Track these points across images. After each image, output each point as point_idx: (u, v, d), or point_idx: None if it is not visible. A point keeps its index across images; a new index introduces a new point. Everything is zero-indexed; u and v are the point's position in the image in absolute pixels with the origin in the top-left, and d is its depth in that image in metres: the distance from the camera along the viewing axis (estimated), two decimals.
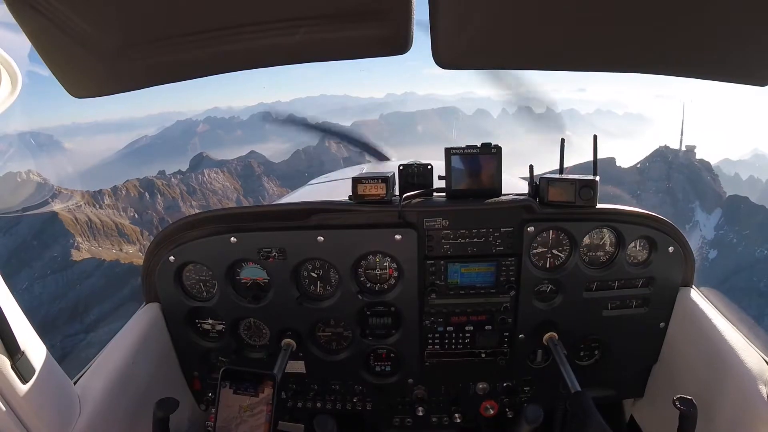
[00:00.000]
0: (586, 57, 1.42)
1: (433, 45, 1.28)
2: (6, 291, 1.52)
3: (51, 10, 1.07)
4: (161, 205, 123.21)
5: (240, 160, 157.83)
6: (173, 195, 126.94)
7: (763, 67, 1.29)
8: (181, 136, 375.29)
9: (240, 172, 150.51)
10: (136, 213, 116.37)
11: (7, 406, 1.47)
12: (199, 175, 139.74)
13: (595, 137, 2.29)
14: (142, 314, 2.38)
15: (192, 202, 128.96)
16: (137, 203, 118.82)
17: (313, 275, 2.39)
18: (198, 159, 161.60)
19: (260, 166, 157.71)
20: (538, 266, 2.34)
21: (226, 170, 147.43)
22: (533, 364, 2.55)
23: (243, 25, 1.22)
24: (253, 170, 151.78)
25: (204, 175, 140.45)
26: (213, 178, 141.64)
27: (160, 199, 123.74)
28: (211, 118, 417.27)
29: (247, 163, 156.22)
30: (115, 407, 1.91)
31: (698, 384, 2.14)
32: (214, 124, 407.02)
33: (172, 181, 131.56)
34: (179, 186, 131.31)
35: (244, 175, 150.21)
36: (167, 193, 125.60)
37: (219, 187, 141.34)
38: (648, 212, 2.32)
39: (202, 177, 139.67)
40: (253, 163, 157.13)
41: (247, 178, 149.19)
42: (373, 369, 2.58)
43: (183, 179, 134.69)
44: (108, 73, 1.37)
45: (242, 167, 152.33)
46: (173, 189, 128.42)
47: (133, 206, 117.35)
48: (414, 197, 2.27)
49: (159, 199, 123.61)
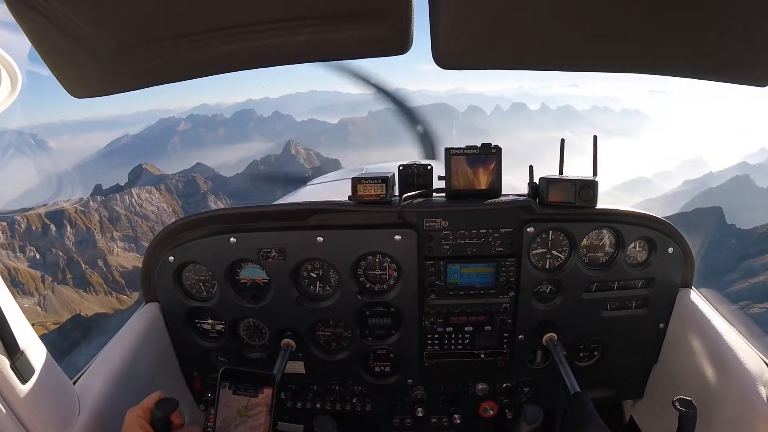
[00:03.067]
0: (586, 57, 1.42)
1: (433, 45, 1.28)
2: (5, 291, 1.52)
3: (51, 11, 1.07)
4: (71, 240, 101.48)
5: (182, 175, 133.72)
6: (88, 225, 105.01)
7: (763, 67, 1.29)
8: (162, 135, 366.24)
9: (181, 190, 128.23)
10: (37, 252, 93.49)
11: (6, 405, 1.47)
12: (126, 196, 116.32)
13: (595, 138, 2.29)
14: (141, 314, 2.38)
15: (114, 233, 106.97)
16: (40, 239, 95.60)
17: (312, 275, 2.39)
18: (137, 172, 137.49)
19: (207, 181, 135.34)
20: (537, 267, 2.34)
21: (164, 188, 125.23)
22: (533, 365, 2.55)
23: (243, 26, 1.22)
24: (197, 187, 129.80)
25: (132, 196, 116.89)
26: (145, 198, 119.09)
27: (70, 232, 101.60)
28: (194, 116, 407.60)
29: (191, 178, 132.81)
30: (115, 407, 1.90)
31: (698, 385, 2.14)
32: (196, 122, 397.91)
33: (90, 205, 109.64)
34: (99, 211, 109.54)
35: (186, 193, 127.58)
36: (80, 222, 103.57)
37: (152, 210, 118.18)
38: (647, 213, 2.32)
39: (129, 198, 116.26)
40: (199, 178, 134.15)
41: (190, 197, 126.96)
42: (373, 369, 2.58)
43: (103, 202, 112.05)
44: (108, 73, 1.37)
45: (184, 184, 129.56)
46: (90, 216, 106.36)
47: (34, 243, 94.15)
48: (414, 197, 2.28)
49: (69, 232, 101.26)
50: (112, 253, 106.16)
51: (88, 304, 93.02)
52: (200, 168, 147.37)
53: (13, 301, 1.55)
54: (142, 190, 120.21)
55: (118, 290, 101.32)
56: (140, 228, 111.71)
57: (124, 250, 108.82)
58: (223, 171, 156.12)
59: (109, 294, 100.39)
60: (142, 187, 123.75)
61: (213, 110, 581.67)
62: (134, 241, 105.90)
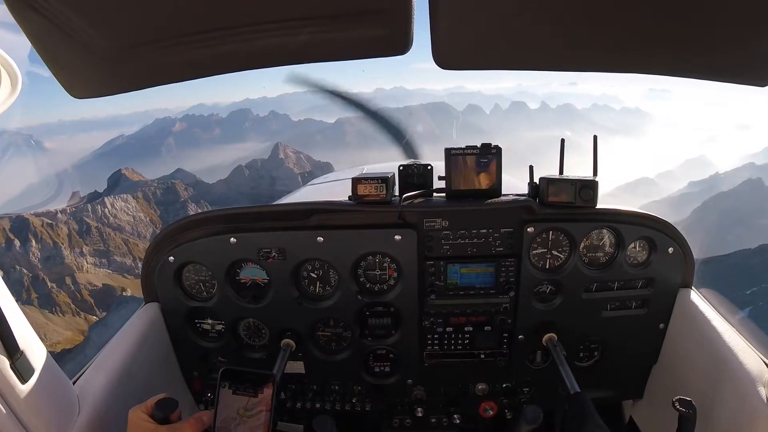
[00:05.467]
0: (586, 57, 1.42)
1: (433, 45, 1.28)
2: (5, 291, 1.52)
3: (51, 11, 1.07)
4: (37, 255, 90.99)
5: (161, 182, 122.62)
6: (55, 239, 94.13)
7: (763, 67, 1.29)
8: (157, 135, 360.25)
9: (160, 198, 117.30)
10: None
11: (6, 405, 1.47)
12: (99, 206, 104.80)
13: (595, 137, 2.29)
14: (141, 314, 2.38)
15: (83, 247, 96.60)
16: (3, 255, 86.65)
17: (312, 275, 2.39)
18: (116, 178, 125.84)
19: (188, 188, 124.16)
20: (537, 267, 2.34)
21: (142, 196, 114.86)
22: (532, 365, 2.55)
23: (243, 26, 1.22)
24: (177, 195, 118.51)
25: (106, 206, 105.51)
26: (120, 208, 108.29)
27: (35, 247, 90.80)
28: (189, 116, 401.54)
29: (170, 185, 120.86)
30: (115, 407, 1.90)
31: (697, 385, 2.14)
32: (191, 122, 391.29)
33: (59, 217, 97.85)
34: (69, 224, 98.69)
35: (165, 201, 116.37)
36: (47, 237, 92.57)
37: (127, 220, 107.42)
38: (647, 213, 2.32)
39: (102, 209, 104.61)
40: (179, 185, 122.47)
41: (170, 205, 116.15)
42: (373, 369, 2.58)
43: (74, 214, 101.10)
44: (108, 74, 1.37)
45: (163, 191, 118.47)
46: (58, 229, 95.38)
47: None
48: (414, 197, 2.28)
49: (34, 247, 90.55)
50: (82, 269, 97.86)
51: (54, 327, 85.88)
52: (180, 174, 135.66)
53: (13, 301, 1.55)
54: (117, 199, 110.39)
55: (87, 310, 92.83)
56: (113, 241, 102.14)
57: (94, 266, 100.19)
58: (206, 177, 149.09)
59: (77, 315, 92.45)
60: (117, 195, 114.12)
61: (210, 110, 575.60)
62: (106, 256, 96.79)
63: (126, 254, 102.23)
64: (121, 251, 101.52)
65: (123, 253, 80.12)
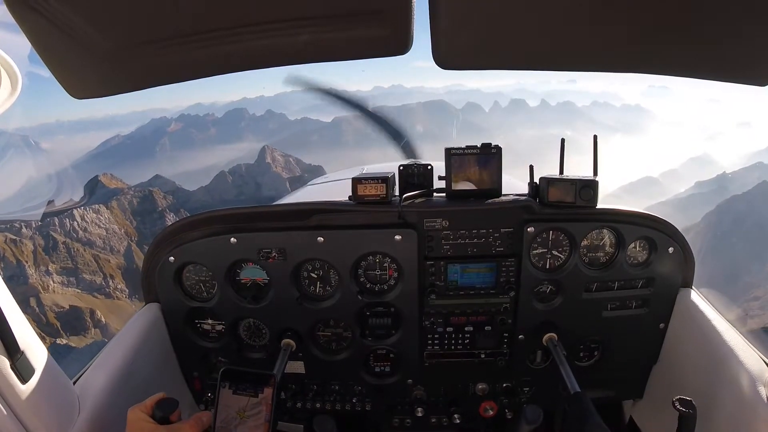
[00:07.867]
0: (586, 57, 1.42)
1: (433, 45, 1.28)
2: (5, 291, 1.52)
3: (51, 11, 1.07)
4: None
5: (138, 189, 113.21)
6: (19, 256, 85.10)
7: (763, 67, 1.28)
8: (152, 135, 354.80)
9: (136, 207, 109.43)
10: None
11: (6, 406, 1.47)
12: (67, 220, 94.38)
13: (595, 137, 2.29)
14: (141, 314, 2.38)
15: (49, 266, 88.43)
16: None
17: (313, 276, 2.39)
18: (92, 185, 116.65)
19: (167, 196, 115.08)
20: (537, 267, 2.34)
21: (117, 205, 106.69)
22: (533, 365, 2.55)
23: (243, 26, 1.22)
24: (155, 203, 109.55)
25: (75, 219, 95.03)
26: (91, 220, 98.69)
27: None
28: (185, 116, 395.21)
29: (147, 193, 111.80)
30: (115, 407, 1.91)
31: (698, 385, 2.14)
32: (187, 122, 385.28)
33: (23, 232, 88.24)
34: (34, 239, 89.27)
35: (142, 211, 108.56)
36: (10, 254, 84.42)
37: (98, 233, 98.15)
38: (648, 213, 2.32)
39: (71, 223, 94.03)
40: (156, 193, 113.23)
41: (147, 215, 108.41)
42: (373, 369, 2.59)
43: (40, 228, 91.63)
44: (108, 74, 1.37)
45: (140, 200, 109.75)
46: (22, 246, 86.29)
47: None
48: (414, 197, 2.27)
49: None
50: (47, 289, 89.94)
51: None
52: (159, 181, 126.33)
53: (13, 301, 1.55)
54: (88, 210, 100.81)
55: (53, 335, 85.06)
56: (81, 257, 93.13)
57: (61, 284, 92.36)
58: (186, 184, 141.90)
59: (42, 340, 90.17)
60: (88, 206, 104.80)
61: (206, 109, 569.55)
62: (74, 274, 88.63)
63: (96, 272, 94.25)
64: (91, 268, 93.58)
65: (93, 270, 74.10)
